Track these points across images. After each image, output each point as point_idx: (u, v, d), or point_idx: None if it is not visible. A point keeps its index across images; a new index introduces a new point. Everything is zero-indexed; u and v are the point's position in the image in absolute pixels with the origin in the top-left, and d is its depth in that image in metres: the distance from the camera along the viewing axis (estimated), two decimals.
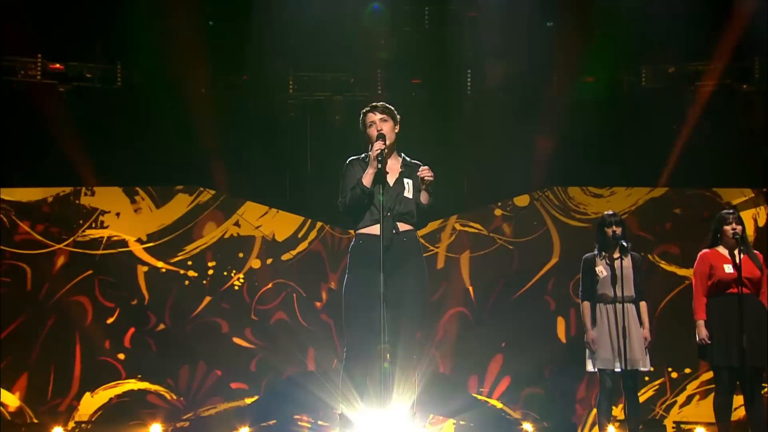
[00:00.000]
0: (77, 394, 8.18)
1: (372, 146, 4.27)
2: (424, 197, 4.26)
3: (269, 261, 8.35)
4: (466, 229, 8.42)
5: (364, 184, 4.16)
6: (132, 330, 8.23)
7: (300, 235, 8.37)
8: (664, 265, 8.39)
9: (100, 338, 8.19)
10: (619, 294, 5.77)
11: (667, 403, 8.28)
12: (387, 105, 4.34)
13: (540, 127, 8.15)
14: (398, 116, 4.33)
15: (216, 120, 8.05)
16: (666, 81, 8.30)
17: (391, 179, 4.30)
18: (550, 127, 8.09)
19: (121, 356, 8.22)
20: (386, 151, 4.19)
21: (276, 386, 8.15)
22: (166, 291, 8.24)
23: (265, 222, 8.35)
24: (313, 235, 8.38)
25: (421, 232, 4.54)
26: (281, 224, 8.35)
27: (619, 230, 5.85)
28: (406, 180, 4.29)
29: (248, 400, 8.21)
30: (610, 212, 5.98)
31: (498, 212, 8.52)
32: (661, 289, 8.23)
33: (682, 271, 8.27)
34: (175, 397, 8.15)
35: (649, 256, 8.26)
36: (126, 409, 8.10)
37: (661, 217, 8.41)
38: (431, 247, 8.33)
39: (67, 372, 8.13)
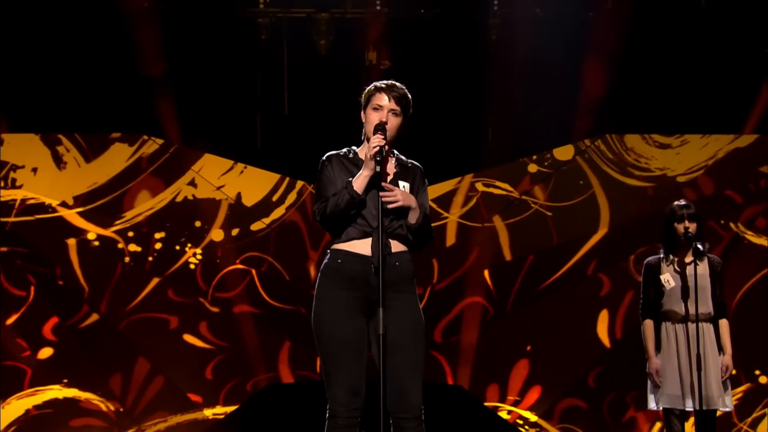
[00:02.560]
0: None
1: (366, 136, 3.84)
2: (411, 215, 3.78)
3: (234, 232, 7.53)
4: (490, 190, 7.63)
5: (355, 189, 3.70)
6: (55, 321, 7.35)
7: (275, 198, 7.58)
8: (750, 236, 7.54)
9: (10, 332, 7.31)
10: (691, 311, 5.22)
11: (754, 416, 7.42)
12: (407, 94, 3.84)
13: (589, 55, 7.36)
14: (411, 110, 3.89)
15: (163, 45, 7.26)
16: None
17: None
18: (602, 54, 7.31)
19: (42, 354, 7.32)
20: (387, 148, 3.75)
21: (240, 398, 7.42)
22: (99, 271, 7.42)
23: (229, 180, 7.56)
24: (291, 197, 7.57)
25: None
26: (250, 183, 7.60)
27: (692, 226, 5.23)
28: (402, 183, 3.84)
29: (207, 412, 7.39)
30: (682, 202, 5.34)
31: (532, 168, 7.63)
32: (747, 267, 7.49)
33: None
34: (112, 408, 7.34)
35: (731, 225, 7.54)
36: (49, 424, 7.29)
37: (747, 173, 7.55)
38: (444, 213, 7.58)
39: None
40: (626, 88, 7.38)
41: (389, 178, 3.77)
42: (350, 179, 3.72)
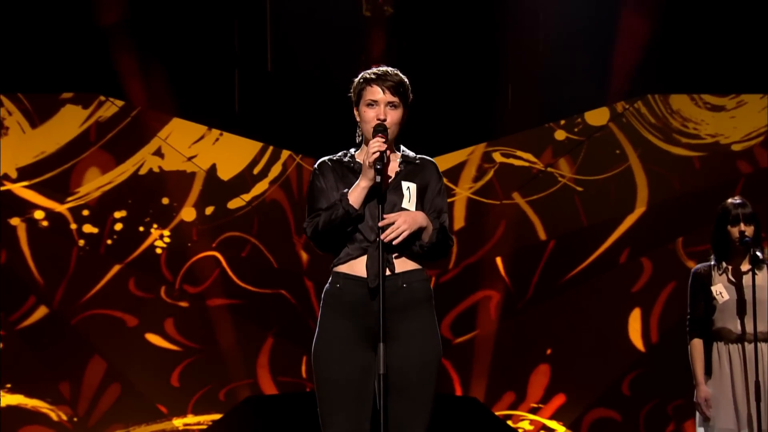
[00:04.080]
0: None
1: (363, 137, 3.61)
2: (423, 234, 3.52)
3: (209, 210, 7.20)
4: (509, 161, 7.27)
5: (351, 203, 3.47)
6: None
7: (256, 171, 7.24)
8: None
9: None
10: (749, 329, 4.97)
11: None
12: (403, 79, 3.58)
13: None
14: (411, 96, 3.64)
15: None
16: None
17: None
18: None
19: None
20: (388, 152, 3.50)
21: (211, 408, 7.02)
22: (48, 257, 7.12)
23: (202, 150, 7.25)
24: (276, 170, 7.22)
25: None
26: (227, 153, 7.27)
27: (749, 230, 4.99)
28: (405, 184, 3.56)
29: (177, 422, 6.97)
30: (737, 200, 5.08)
31: (560, 135, 7.24)
32: None
33: None
34: (64, 417, 6.97)
35: None
36: None
37: None
38: (452, 187, 7.29)
39: None
40: (672, 39, 6.96)
41: (391, 180, 3.53)
42: (345, 191, 3.51)
